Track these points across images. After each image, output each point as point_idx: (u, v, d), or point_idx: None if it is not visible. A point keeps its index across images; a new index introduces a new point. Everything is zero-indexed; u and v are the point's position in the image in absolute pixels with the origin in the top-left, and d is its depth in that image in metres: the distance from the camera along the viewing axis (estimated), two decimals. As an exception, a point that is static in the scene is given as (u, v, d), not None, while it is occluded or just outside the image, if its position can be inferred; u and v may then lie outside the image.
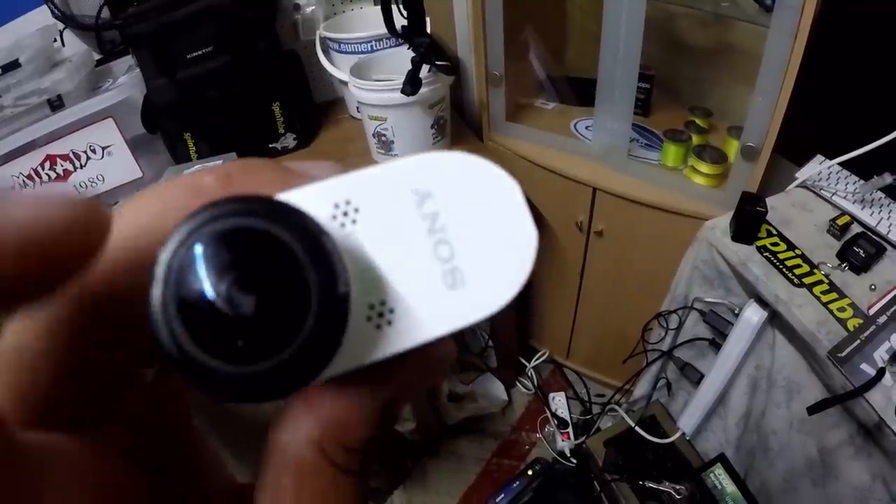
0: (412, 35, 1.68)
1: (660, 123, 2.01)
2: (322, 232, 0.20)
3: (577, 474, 2.16)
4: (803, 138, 1.68)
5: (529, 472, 2.20)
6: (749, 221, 1.50)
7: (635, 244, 1.95)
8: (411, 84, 1.67)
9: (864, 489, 1.34)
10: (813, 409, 1.34)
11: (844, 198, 1.64)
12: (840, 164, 1.63)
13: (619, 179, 1.86)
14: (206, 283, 0.18)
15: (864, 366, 1.29)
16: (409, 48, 1.70)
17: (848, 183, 1.68)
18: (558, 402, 2.46)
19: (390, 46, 1.97)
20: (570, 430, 2.35)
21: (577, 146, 1.97)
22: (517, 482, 2.17)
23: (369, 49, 1.98)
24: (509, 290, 0.23)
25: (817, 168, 1.69)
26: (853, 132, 1.58)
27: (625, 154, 1.85)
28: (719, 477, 1.74)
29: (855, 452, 1.36)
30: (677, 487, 1.74)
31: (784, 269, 1.46)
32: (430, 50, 1.68)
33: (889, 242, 1.55)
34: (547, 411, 2.44)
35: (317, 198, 0.21)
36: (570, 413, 2.43)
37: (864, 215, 1.60)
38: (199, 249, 0.18)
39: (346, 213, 0.22)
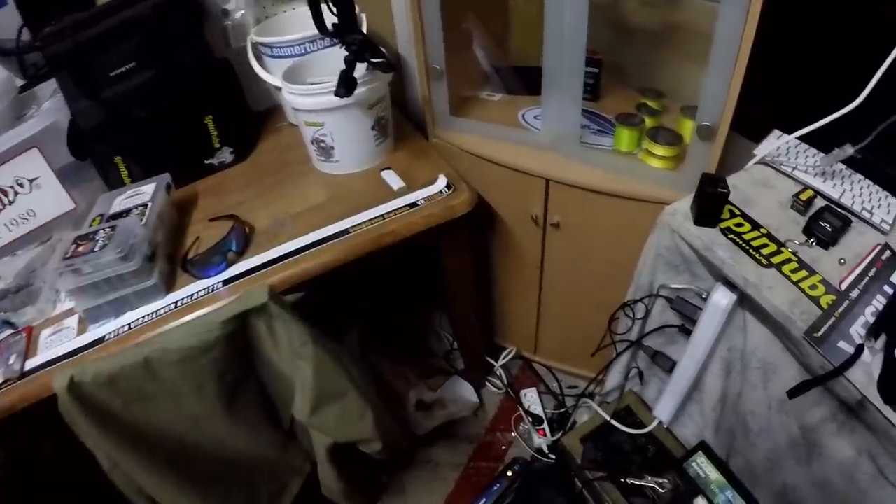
0: (344, 32, 1.63)
1: (610, 108, 1.99)
2: None
3: (557, 470, 2.12)
4: (758, 115, 1.66)
5: (509, 473, 2.18)
6: (711, 203, 1.47)
7: (594, 234, 1.93)
8: (345, 85, 1.61)
9: (851, 464, 1.32)
10: (793, 393, 1.31)
11: (806, 172, 1.62)
12: (799, 138, 1.61)
13: (573, 168, 1.82)
14: None
15: (841, 344, 1.27)
16: (342, 47, 1.64)
17: (808, 156, 1.66)
18: (530, 399, 2.43)
19: (325, 47, 1.92)
20: (545, 425, 2.33)
21: (526, 137, 1.94)
22: (497, 484, 2.15)
23: (303, 51, 1.92)
24: None
25: (776, 143, 1.67)
26: (809, 106, 1.56)
27: (576, 141, 1.82)
28: (702, 465, 1.72)
29: (838, 429, 1.34)
30: (660, 481, 1.71)
31: (751, 250, 1.43)
32: (363, 47, 1.62)
33: (854, 214, 1.54)
34: (520, 409, 2.41)
35: None
36: (543, 408, 2.40)
37: (828, 188, 1.59)
38: None
39: None
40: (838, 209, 1.53)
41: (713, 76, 1.49)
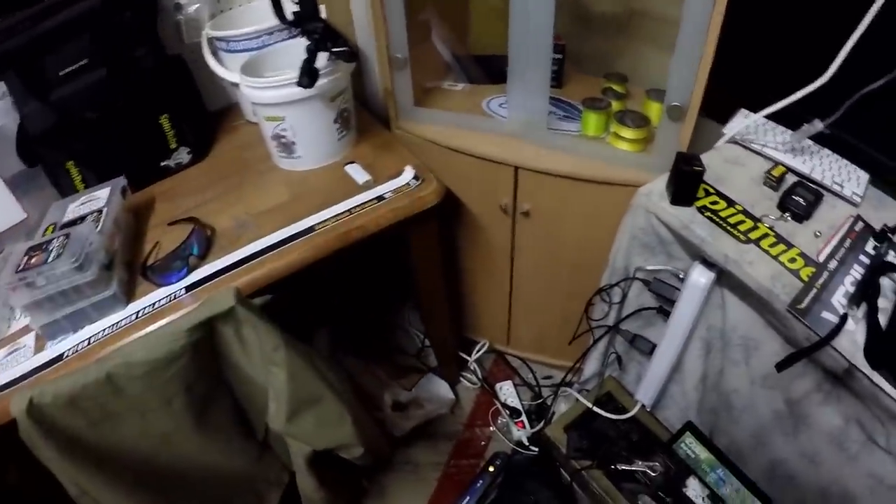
0: (304, 21, 1.58)
1: (574, 94, 1.98)
2: None
3: (538, 461, 2.12)
4: (723, 96, 1.66)
5: (491, 469, 2.16)
6: (687, 182, 1.47)
7: (565, 220, 1.91)
8: (308, 75, 1.55)
9: (839, 433, 1.34)
10: (781, 366, 1.32)
11: (776, 149, 1.64)
12: (766, 116, 1.62)
13: (541, 155, 1.81)
14: None
15: (825, 314, 1.28)
16: (302, 36, 1.59)
17: (776, 134, 1.68)
18: (507, 392, 2.42)
19: (283, 40, 1.86)
20: (523, 417, 2.31)
21: (492, 125, 1.91)
22: (480, 481, 2.13)
23: (260, 45, 1.85)
24: None
25: (744, 122, 1.68)
26: (776, 85, 1.57)
27: (544, 128, 1.81)
28: (690, 445, 1.71)
29: (823, 399, 1.35)
30: (651, 464, 1.70)
31: (729, 227, 1.44)
32: (325, 35, 1.57)
33: (825, 188, 1.56)
34: (497, 403, 2.39)
35: None
36: (520, 400, 2.39)
37: (798, 164, 1.60)
38: None
39: None
40: (810, 184, 1.55)
41: (682, 55, 1.49)
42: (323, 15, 1.82)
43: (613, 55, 2.09)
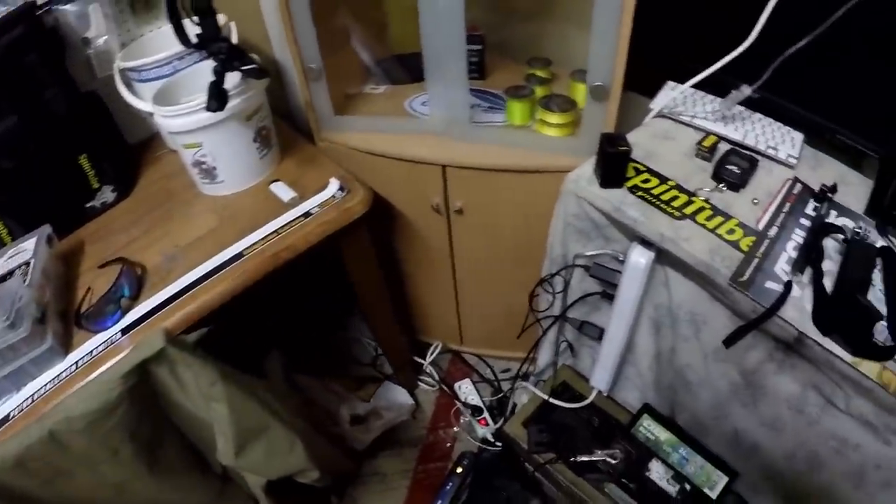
0: (208, 42, 1.47)
1: (499, 84, 1.89)
2: None
3: (505, 457, 2.05)
4: (651, 70, 1.61)
5: (459, 470, 2.09)
6: (614, 163, 1.40)
7: (500, 214, 1.84)
8: (216, 98, 1.45)
9: (797, 399, 1.28)
10: (729, 341, 1.27)
11: (706, 118, 1.58)
12: (693, 86, 1.55)
13: (467, 150, 1.73)
14: None
15: (769, 284, 1.22)
16: (208, 58, 1.49)
17: (705, 103, 1.62)
18: (466, 390, 2.34)
19: (195, 63, 1.74)
20: (485, 414, 2.24)
21: (415, 125, 1.83)
22: (449, 483, 2.05)
23: (171, 71, 1.73)
24: None
25: (671, 94, 1.62)
26: (701, 53, 1.50)
27: (467, 123, 1.73)
28: (649, 428, 1.67)
29: (777, 367, 1.29)
30: (611, 452, 1.64)
31: (662, 205, 1.37)
32: (231, 54, 1.46)
33: (759, 153, 1.50)
34: (457, 402, 2.30)
35: None
36: (480, 397, 2.32)
37: (730, 132, 1.55)
38: None
39: None
40: (743, 151, 1.49)
41: (599, 34, 1.43)
42: (234, 35, 1.76)
43: (537, 39, 2.03)
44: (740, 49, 1.39)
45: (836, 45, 1.30)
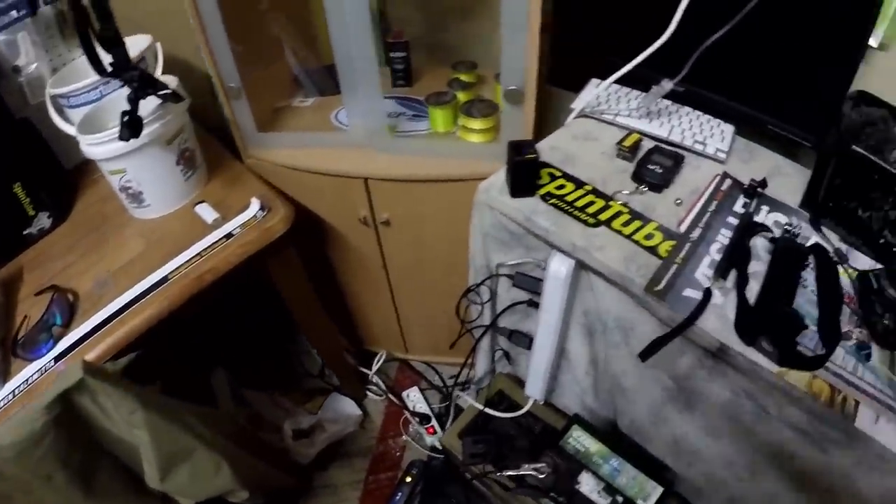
0: (120, 71, 1.38)
1: (427, 90, 1.78)
2: None
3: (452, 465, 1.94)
4: (577, 65, 1.50)
5: (408, 479, 1.99)
6: (523, 172, 1.28)
7: (426, 224, 1.75)
8: (129, 126, 1.37)
9: (732, 406, 1.16)
10: (644, 355, 1.15)
11: (629, 116, 1.46)
12: (618, 83, 1.43)
13: (389, 162, 1.63)
14: None
15: (687, 291, 1.10)
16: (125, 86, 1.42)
17: (630, 100, 1.49)
18: (414, 398, 2.24)
19: (121, 86, 1.63)
20: (433, 422, 2.14)
21: (339, 138, 1.72)
22: (399, 493, 1.95)
23: (98, 96, 1.64)
24: None
25: (594, 92, 1.48)
26: (623, 49, 1.37)
27: (386, 133, 1.63)
28: (579, 439, 1.55)
29: (708, 374, 1.17)
30: (538, 466, 1.52)
31: (576, 212, 1.25)
32: (143, 82, 1.39)
33: (686, 149, 1.39)
34: (405, 411, 2.17)
35: None
36: (429, 405, 2.21)
37: (654, 128, 1.43)
38: None
39: None
40: (668, 148, 1.38)
41: (508, 36, 1.32)
42: (159, 52, 1.69)
43: (464, 41, 1.92)
44: (658, 43, 1.27)
45: (759, 33, 1.23)
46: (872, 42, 1.26)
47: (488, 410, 1.69)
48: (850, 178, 1.20)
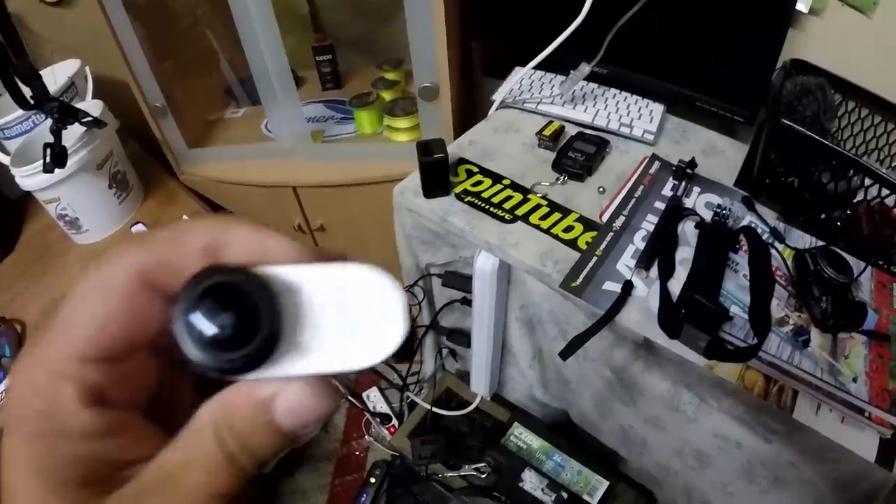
0: (41, 103, 1.29)
1: (356, 90, 1.65)
2: (273, 293, 0.26)
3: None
4: (500, 54, 1.36)
5: (372, 480, 1.84)
6: (433, 172, 1.13)
7: (360, 226, 1.65)
8: (53, 158, 1.28)
9: (671, 397, 1.03)
10: (564, 354, 1.01)
11: (552, 103, 1.29)
12: (543, 69, 1.29)
13: (317, 169, 1.52)
14: (206, 316, 0.25)
15: (608, 285, 0.96)
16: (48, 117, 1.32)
17: (553, 86, 1.32)
18: (374, 398, 2.08)
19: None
20: (394, 421, 1.97)
21: (268, 149, 1.60)
22: (364, 494, 1.80)
23: (31, 126, 1.53)
24: (382, 352, 0.26)
25: (516, 79, 1.31)
26: (543, 33, 1.20)
27: (309, 140, 1.51)
28: (521, 436, 1.43)
29: (645, 366, 1.03)
30: (479, 466, 1.40)
31: (493, 209, 1.10)
32: (64, 112, 1.29)
33: (612, 133, 1.24)
34: (366, 412, 2.01)
35: (284, 274, 0.27)
36: (389, 404, 2.06)
37: (578, 114, 1.28)
38: (202, 295, 0.25)
39: (296, 289, 0.26)
40: (592, 133, 1.23)
41: (415, 31, 1.19)
42: (88, 76, 1.58)
43: (393, 40, 1.75)
44: (574, 25, 1.12)
45: (678, 5, 1.13)
46: (801, 7, 1.14)
47: (436, 409, 1.54)
48: (785, 153, 1.06)
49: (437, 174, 1.11)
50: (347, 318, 0.27)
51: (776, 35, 1.11)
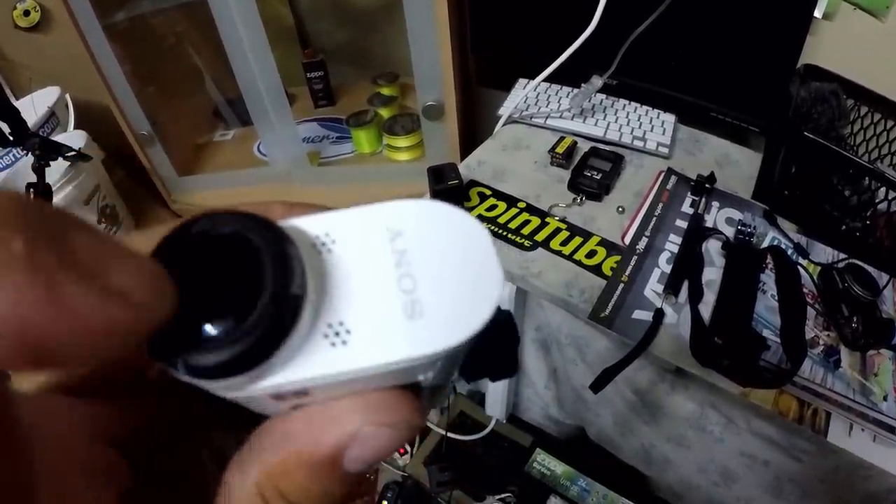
0: (21, 139, 1.27)
1: (350, 107, 1.64)
2: (287, 241, 0.18)
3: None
4: (511, 63, 1.35)
5: (384, 503, 1.80)
6: (447, 200, 1.08)
7: None
8: (37, 196, 1.26)
9: (697, 417, 1.05)
10: (595, 387, 0.98)
11: (561, 117, 1.29)
12: (548, 81, 1.27)
13: (315, 193, 1.52)
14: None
15: (637, 313, 0.97)
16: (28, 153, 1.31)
17: (561, 99, 1.34)
18: None
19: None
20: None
21: (262, 173, 1.59)
22: None
23: (12, 160, 1.52)
24: (466, 328, 0.19)
25: (522, 94, 1.31)
26: (551, 45, 1.21)
27: (308, 163, 1.50)
28: (544, 462, 1.44)
29: (671, 388, 1.05)
30: (503, 497, 1.40)
31: (509, 236, 1.10)
32: (46, 148, 1.27)
33: (625, 147, 1.24)
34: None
35: (303, 226, 0.20)
36: None
37: (589, 128, 1.28)
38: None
39: (324, 243, 0.20)
40: (605, 149, 1.22)
41: (419, 48, 1.19)
42: (69, 105, 1.59)
43: (386, 50, 1.75)
44: (584, 35, 1.12)
45: (691, 14, 1.13)
46: (817, 12, 1.14)
47: (451, 434, 1.54)
48: (805, 165, 1.08)
49: (452, 201, 1.09)
50: (413, 275, 0.19)
51: (794, 42, 1.12)
